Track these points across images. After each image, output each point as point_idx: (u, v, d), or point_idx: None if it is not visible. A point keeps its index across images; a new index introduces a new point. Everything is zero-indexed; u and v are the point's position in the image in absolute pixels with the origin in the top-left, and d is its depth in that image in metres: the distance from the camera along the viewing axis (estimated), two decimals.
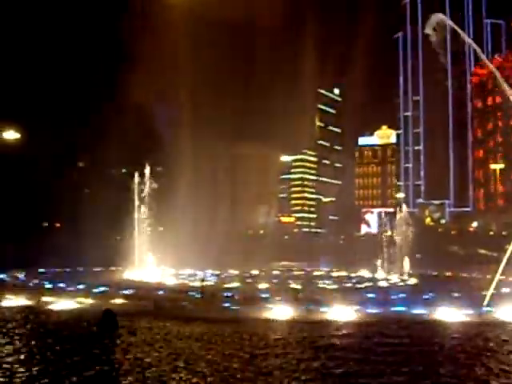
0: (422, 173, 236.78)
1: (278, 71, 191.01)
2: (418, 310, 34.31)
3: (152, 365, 20.45)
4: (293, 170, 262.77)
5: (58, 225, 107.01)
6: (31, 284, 47.98)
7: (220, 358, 21.78)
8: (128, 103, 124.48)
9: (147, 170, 72.09)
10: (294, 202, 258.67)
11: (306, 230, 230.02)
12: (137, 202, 73.61)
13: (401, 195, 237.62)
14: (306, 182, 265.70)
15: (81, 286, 45.28)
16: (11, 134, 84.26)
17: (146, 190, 71.61)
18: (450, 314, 32.49)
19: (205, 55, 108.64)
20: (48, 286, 39.79)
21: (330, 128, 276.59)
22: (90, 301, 36.81)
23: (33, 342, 24.13)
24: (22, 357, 21.29)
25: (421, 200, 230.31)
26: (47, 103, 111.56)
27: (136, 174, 70.18)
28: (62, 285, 42.78)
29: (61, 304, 34.56)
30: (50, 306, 34.18)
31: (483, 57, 51.80)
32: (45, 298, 36.94)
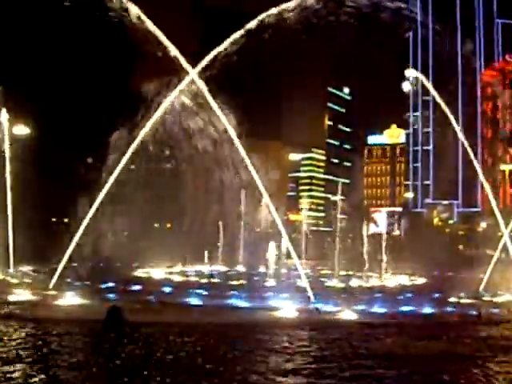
0: (430, 173, 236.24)
1: (288, 70, 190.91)
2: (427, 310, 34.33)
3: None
4: (302, 169, 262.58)
5: (65, 220, 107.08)
6: (41, 278, 48.04)
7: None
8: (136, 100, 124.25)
9: None
10: (302, 200, 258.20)
11: (314, 228, 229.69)
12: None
13: (409, 195, 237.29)
14: (314, 181, 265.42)
15: (88, 282, 45.36)
16: (21, 130, 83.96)
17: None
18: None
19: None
20: (55, 280, 39.74)
21: (340, 127, 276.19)
22: (97, 296, 36.82)
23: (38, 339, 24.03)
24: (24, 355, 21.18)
25: (429, 200, 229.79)
26: (58, 100, 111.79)
27: None
28: (68, 280, 42.78)
29: (68, 299, 34.54)
30: (57, 302, 34.17)
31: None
32: (51, 293, 36.98)
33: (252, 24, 37.12)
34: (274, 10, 36.81)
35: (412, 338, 26.12)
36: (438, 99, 45.38)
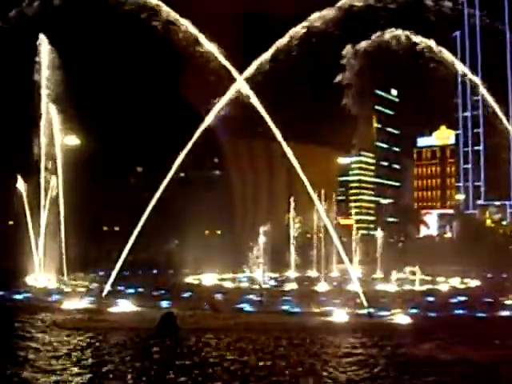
0: (481, 174, 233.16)
1: (334, 73, 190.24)
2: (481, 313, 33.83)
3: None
4: (351, 172, 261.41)
5: (116, 228, 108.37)
6: (92, 286, 48.66)
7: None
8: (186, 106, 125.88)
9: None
10: (352, 204, 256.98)
11: (365, 232, 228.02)
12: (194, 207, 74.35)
13: (460, 196, 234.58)
14: (364, 184, 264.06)
15: (140, 289, 45.82)
16: (72, 140, 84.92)
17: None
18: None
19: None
20: (108, 288, 40.19)
21: (388, 129, 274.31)
22: (149, 303, 37.17)
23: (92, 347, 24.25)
24: (78, 362, 21.41)
25: (481, 201, 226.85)
26: (107, 109, 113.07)
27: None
28: (121, 287, 43.22)
29: (121, 307, 34.89)
30: (110, 309, 34.53)
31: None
32: (105, 301, 37.37)
33: (297, 29, 37.16)
34: (317, 14, 36.77)
35: (466, 343, 25.74)
36: (488, 98, 44.59)
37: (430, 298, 43.52)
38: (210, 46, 37.78)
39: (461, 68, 52.76)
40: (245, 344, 24.88)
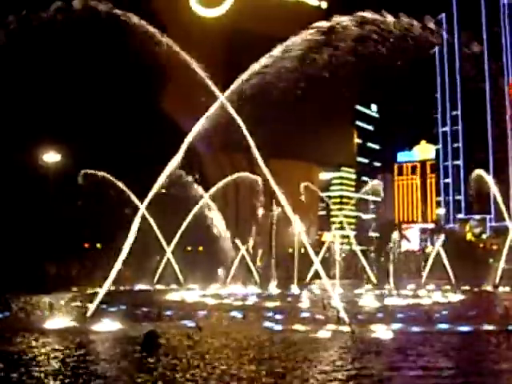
0: (462, 188, 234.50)
1: (314, 89, 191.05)
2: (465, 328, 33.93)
3: None
4: (332, 188, 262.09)
5: (98, 245, 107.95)
6: (74, 304, 48.41)
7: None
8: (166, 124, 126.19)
9: None
10: (333, 219, 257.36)
11: (347, 247, 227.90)
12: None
13: (441, 211, 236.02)
14: (345, 199, 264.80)
15: (123, 307, 45.61)
16: (51, 157, 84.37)
17: None
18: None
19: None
20: (93, 307, 39.89)
21: (369, 144, 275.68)
22: (132, 322, 37.01)
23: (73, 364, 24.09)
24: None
25: (461, 215, 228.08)
26: (87, 125, 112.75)
27: None
28: (104, 306, 42.94)
29: (103, 325, 34.68)
30: (94, 327, 34.33)
31: None
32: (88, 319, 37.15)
33: (278, 50, 37.23)
34: (301, 36, 36.94)
35: (451, 357, 25.86)
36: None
37: (413, 313, 43.64)
38: (193, 64, 37.79)
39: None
40: (227, 361, 24.76)
